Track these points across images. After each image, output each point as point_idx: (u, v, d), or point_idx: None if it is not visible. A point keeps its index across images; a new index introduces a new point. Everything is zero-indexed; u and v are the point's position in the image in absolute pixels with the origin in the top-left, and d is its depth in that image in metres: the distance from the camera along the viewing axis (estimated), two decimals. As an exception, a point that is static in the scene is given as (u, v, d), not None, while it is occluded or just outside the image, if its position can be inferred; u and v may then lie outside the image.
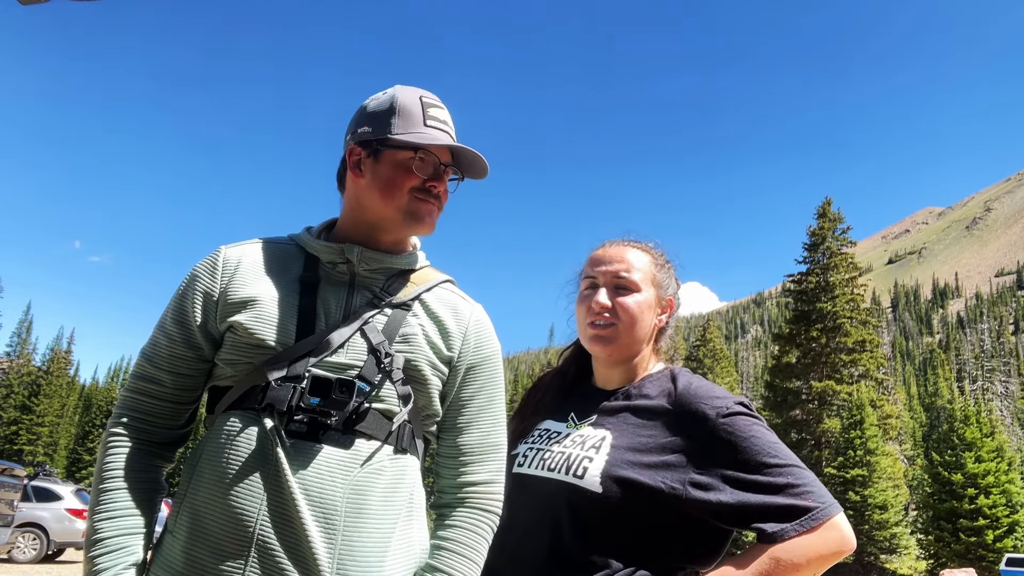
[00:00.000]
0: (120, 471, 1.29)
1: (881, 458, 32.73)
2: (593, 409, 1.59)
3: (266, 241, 1.45)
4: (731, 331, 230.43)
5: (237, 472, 1.22)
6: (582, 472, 1.44)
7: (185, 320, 1.36)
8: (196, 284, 1.37)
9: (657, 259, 1.65)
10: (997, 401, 78.98)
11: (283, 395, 1.25)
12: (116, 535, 1.25)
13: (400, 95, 1.40)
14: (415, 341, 1.36)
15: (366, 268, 1.39)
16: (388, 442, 1.30)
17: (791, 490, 1.36)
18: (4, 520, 13.45)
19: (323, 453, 1.23)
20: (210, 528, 1.21)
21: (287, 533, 1.19)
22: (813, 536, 1.33)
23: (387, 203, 1.38)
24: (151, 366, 1.36)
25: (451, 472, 1.41)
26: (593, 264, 1.63)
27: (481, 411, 1.43)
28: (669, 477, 1.41)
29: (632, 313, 1.56)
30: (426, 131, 1.38)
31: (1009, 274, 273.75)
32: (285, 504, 1.20)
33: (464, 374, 1.42)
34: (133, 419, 1.34)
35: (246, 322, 1.30)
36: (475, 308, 1.48)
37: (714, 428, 1.42)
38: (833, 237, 39.14)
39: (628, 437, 1.48)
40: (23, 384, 62.72)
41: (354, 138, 1.41)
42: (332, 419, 1.24)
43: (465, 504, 1.39)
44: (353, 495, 1.23)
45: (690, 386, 1.51)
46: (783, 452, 1.41)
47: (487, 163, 1.43)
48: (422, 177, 1.37)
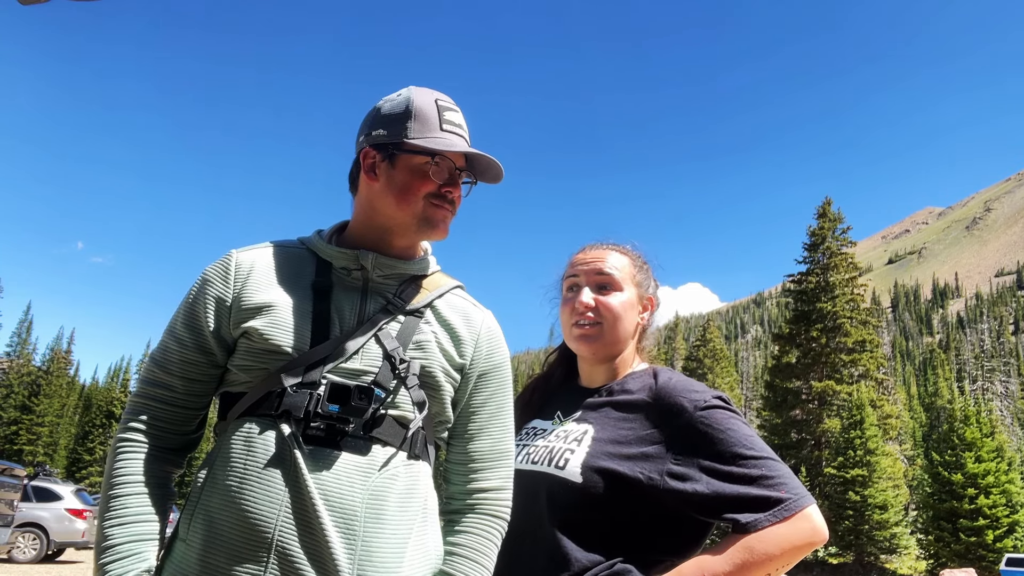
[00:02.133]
0: (131, 476, 1.28)
1: (881, 458, 32.70)
2: (578, 406, 1.63)
3: (277, 245, 1.43)
4: (731, 331, 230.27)
5: (255, 478, 1.21)
6: (563, 463, 1.48)
7: (197, 325, 1.34)
8: (208, 289, 1.35)
9: (635, 260, 1.69)
10: (997, 401, 78.91)
11: (300, 401, 1.24)
12: (128, 541, 1.23)
13: (415, 97, 1.38)
14: (429, 348, 1.36)
15: (380, 274, 1.38)
16: (402, 448, 1.30)
17: (765, 481, 1.39)
18: (4, 520, 13.45)
19: (342, 459, 1.24)
20: (227, 534, 1.20)
21: (307, 538, 1.19)
22: (785, 526, 1.35)
23: (402, 208, 1.36)
24: (162, 371, 1.34)
25: (461, 478, 1.41)
26: (575, 266, 1.67)
27: (492, 418, 1.44)
28: (647, 468, 1.44)
29: (615, 311, 1.60)
30: (442, 135, 1.36)
31: (1009, 274, 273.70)
32: (305, 510, 1.19)
33: (476, 381, 1.43)
34: (144, 424, 1.32)
35: (261, 328, 1.29)
36: (486, 315, 1.48)
37: (691, 420, 1.45)
38: (833, 237, 39.11)
39: (609, 430, 1.51)
40: (23, 384, 62.61)
41: (368, 140, 1.39)
42: (350, 426, 1.25)
43: (475, 510, 1.39)
44: (372, 500, 1.24)
45: (670, 381, 1.55)
46: (758, 445, 1.44)
47: (502, 168, 1.41)
48: (438, 183, 1.36)
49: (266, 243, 1.44)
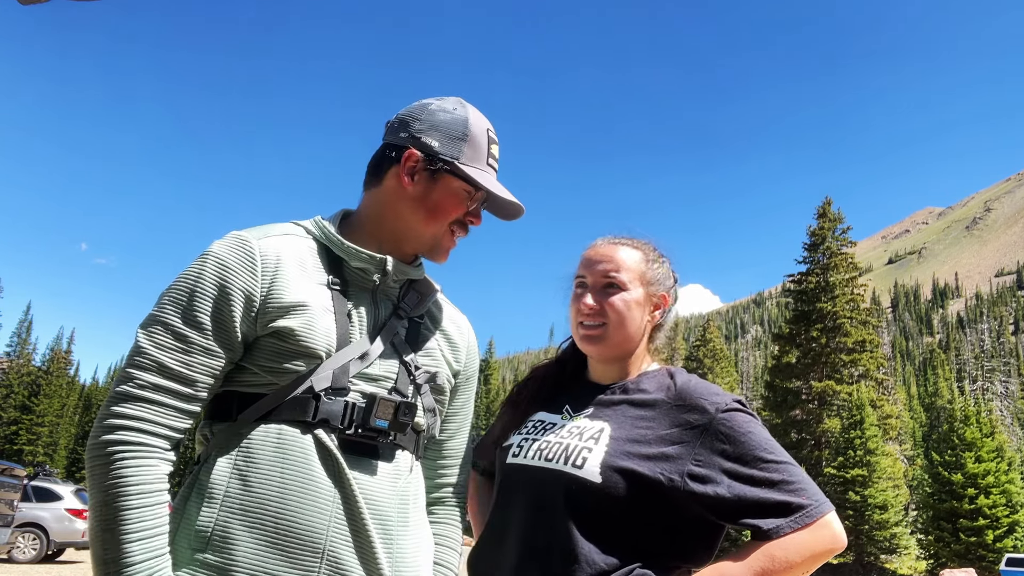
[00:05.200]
0: (144, 485, 1.16)
1: (881, 458, 32.73)
2: (588, 402, 1.60)
3: (289, 235, 1.34)
4: (731, 331, 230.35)
5: (299, 485, 1.20)
6: (581, 462, 1.45)
7: (222, 319, 1.22)
8: (233, 280, 1.23)
9: (649, 255, 1.64)
10: (997, 401, 78.96)
11: (337, 410, 1.24)
12: (148, 558, 1.14)
13: (473, 123, 1.38)
14: (435, 354, 1.41)
15: (393, 279, 1.38)
16: (415, 452, 1.36)
17: (785, 486, 1.38)
18: (4, 520, 13.46)
19: (379, 467, 1.28)
20: (275, 542, 1.17)
21: (358, 545, 1.22)
22: (806, 533, 1.35)
23: (428, 226, 1.37)
24: (172, 364, 1.20)
25: (433, 473, 1.49)
26: (584, 265, 1.64)
27: (466, 419, 1.55)
28: (668, 469, 1.42)
29: (619, 312, 1.57)
30: (487, 170, 1.39)
31: (1009, 274, 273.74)
32: (355, 517, 1.22)
33: (461, 385, 1.51)
34: (146, 423, 1.18)
35: (297, 329, 1.23)
36: (466, 320, 1.56)
37: (713, 422, 1.44)
38: (833, 237, 39.13)
39: (627, 429, 1.49)
40: (23, 384, 62.62)
41: (416, 143, 1.35)
42: (389, 438, 1.28)
43: (445, 503, 1.50)
44: (401, 505, 1.30)
45: (689, 382, 1.54)
46: (778, 450, 1.44)
47: (523, 211, 1.44)
48: (466, 211, 1.39)
49: (276, 230, 1.34)
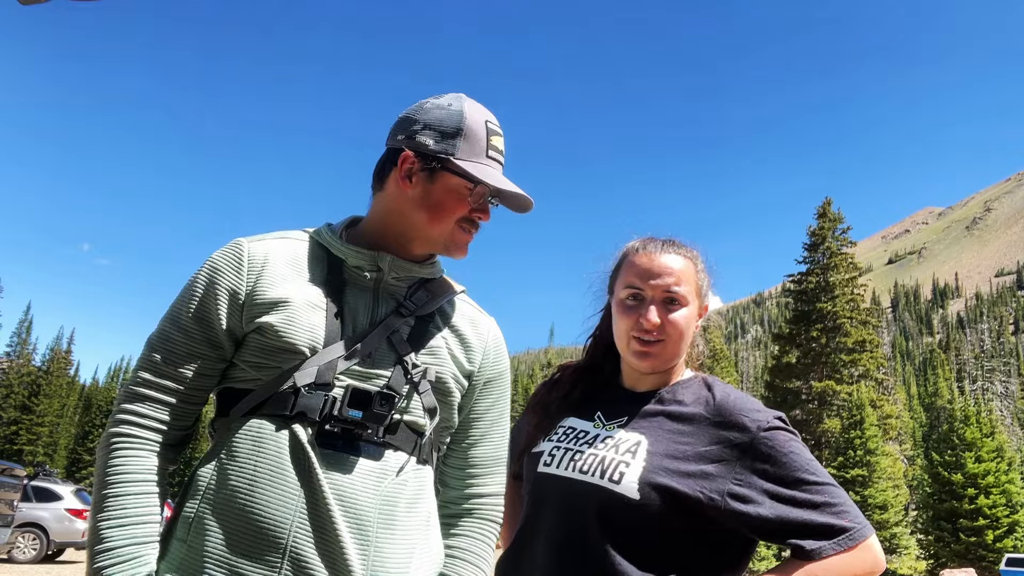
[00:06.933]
0: (130, 474, 1.22)
1: (881, 458, 32.74)
2: (623, 411, 1.56)
3: (287, 238, 1.38)
4: (731, 331, 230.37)
5: (267, 479, 1.19)
6: (618, 477, 1.42)
7: (207, 318, 1.28)
8: (219, 280, 1.29)
9: (698, 264, 1.60)
10: (997, 401, 78.93)
11: (315, 403, 1.23)
12: (127, 544, 1.18)
13: (469, 115, 1.35)
14: (440, 354, 1.36)
15: (394, 276, 1.37)
16: (413, 454, 1.30)
17: (829, 508, 1.37)
18: (4, 520, 13.45)
19: (358, 464, 1.23)
20: (238, 536, 1.17)
21: (322, 543, 1.17)
22: (849, 556, 1.34)
23: (432, 226, 1.35)
24: (166, 363, 1.27)
25: (460, 483, 1.43)
26: (639, 275, 1.55)
27: (493, 424, 1.46)
28: (708, 487, 1.40)
29: (681, 329, 1.53)
30: (487, 163, 1.35)
31: (1009, 274, 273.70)
32: (320, 514, 1.18)
33: (481, 388, 1.44)
34: (143, 418, 1.25)
35: (277, 325, 1.25)
36: (491, 322, 1.49)
37: (754, 441, 1.42)
38: (833, 237, 39.16)
39: (665, 443, 1.46)
40: (23, 384, 62.60)
41: (410, 144, 1.34)
42: (367, 431, 1.24)
43: (473, 515, 1.42)
44: (384, 506, 1.23)
45: (728, 397, 1.50)
46: (820, 470, 1.42)
47: (533, 203, 1.40)
48: (471, 207, 1.35)
49: (275, 234, 1.38)
